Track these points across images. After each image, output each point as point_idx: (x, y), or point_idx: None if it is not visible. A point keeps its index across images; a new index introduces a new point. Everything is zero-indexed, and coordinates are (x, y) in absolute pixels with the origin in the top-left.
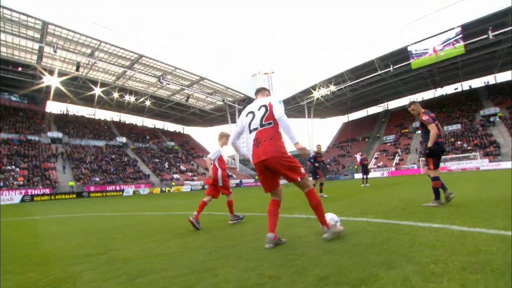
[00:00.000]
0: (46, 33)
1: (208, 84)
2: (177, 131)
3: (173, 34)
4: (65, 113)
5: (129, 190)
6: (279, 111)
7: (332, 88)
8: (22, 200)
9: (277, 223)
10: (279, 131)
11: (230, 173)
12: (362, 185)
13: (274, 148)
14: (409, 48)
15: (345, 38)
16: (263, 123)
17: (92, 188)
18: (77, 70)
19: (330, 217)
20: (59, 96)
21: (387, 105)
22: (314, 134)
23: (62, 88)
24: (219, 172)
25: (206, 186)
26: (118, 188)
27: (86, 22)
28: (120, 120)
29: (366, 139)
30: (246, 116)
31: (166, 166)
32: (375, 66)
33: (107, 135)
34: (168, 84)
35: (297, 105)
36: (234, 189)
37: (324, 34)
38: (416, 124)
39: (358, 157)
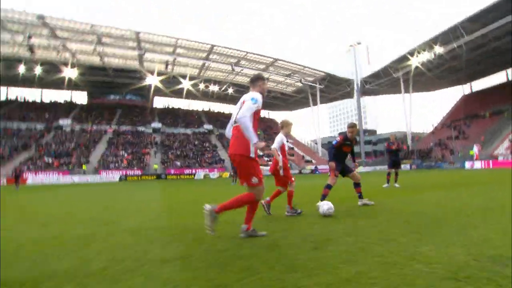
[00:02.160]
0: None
1: (284, 65)
2: (263, 116)
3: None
4: (166, 106)
5: (200, 173)
6: (242, 112)
7: (439, 49)
8: (120, 179)
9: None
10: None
11: (292, 162)
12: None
13: (237, 146)
14: None
15: None
16: (236, 120)
17: (172, 171)
18: (166, 68)
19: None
20: (162, 92)
21: None
22: (414, 113)
23: (160, 85)
24: (280, 161)
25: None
26: (193, 171)
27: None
28: (210, 109)
29: (500, 115)
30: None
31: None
32: (509, 6)
33: (196, 124)
34: (242, 70)
35: (389, 79)
36: (306, 176)
37: None
38: None
39: (476, 149)
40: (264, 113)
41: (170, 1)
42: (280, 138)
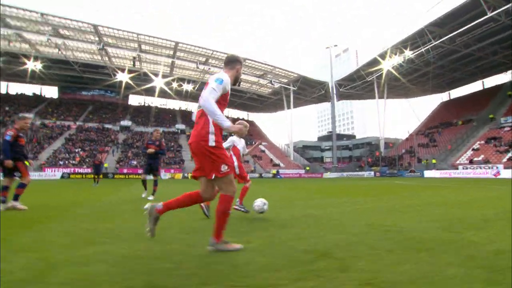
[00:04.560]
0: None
1: (254, 65)
2: (242, 118)
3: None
4: (141, 104)
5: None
6: (205, 95)
7: (408, 54)
8: (62, 177)
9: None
10: (205, 115)
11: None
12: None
13: (198, 132)
14: None
15: None
16: (199, 104)
17: (125, 170)
18: (134, 65)
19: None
20: (137, 90)
21: None
22: (388, 118)
23: (130, 82)
24: (234, 160)
25: None
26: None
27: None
28: (187, 109)
29: (470, 122)
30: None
31: None
32: (482, 8)
33: (168, 123)
34: (209, 68)
35: (363, 83)
36: (262, 181)
37: None
38: None
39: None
40: (243, 115)
41: None
42: (230, 139)
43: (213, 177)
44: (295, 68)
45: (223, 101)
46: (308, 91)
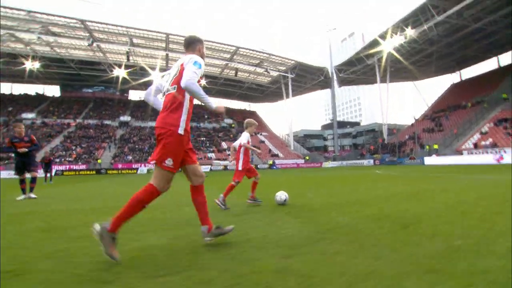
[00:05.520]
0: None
1: (248, 53)
2: (243, 108)
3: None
4: (142, 99)
5: (144, 168)
6: (189, 75)
7: (410, 33)
8: (55, 174)
9: (206, 211)
10: (180, 100)
11: (257, 155)
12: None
13: (162, 119)
14: None
15: None
16: (169, 87)
17: (120, 166)
18: (128, 59)
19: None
20: (137, 85)
21: None
22: (395, 103)
23: (127, 77)
24: (241, 158)
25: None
26: (138, 166)
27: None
28: None
29: (480, 104)
30: (162, 77)
31: (207, 145)
32: None
33: None
34: (208, 59)
35: (364, 66)
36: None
37: None
38: None
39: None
40: (245, 105)
41: None
42: (246, 136)
43: (152, 162)
44: (291, 55)
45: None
46: (308, 78)
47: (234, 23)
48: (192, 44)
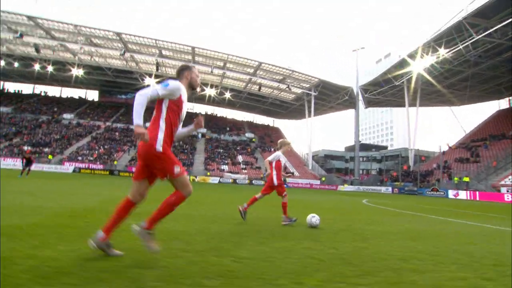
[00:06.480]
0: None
1: (272, 69)
2: (266, 124)
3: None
4: None
5: None
6: (144, 89)
7: (443, 52)
8: (73, 171)
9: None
10: (157, 116)
11: (290, 172)
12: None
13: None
14: None
15: None
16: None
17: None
18: (157, 69)
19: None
20: None
21: None
22: (427, 129)
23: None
24: (274, 174)
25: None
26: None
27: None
28: (212, 113)
29: None
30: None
31: (223, 157)
32: None
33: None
34: (225, 72)
35: (391, 87)
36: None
37: None
38: None
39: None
40: (269, 121)
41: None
42: (276, 154)
43: (167, 177)
44: (314, 73)
45: (175, 107)
46: (332, 97)
47: (259, 38)
48: (179, 74)
